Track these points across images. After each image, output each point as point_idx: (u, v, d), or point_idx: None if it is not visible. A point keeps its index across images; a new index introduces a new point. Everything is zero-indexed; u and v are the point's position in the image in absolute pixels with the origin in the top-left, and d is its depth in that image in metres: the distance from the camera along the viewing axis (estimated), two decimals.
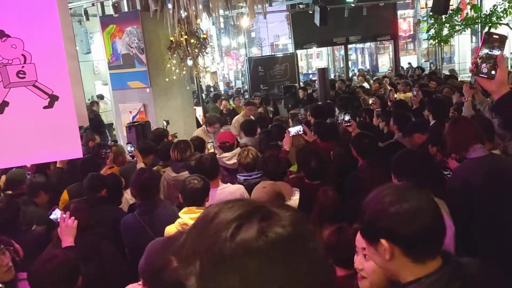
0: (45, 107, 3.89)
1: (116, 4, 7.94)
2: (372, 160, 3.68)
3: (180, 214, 3.08)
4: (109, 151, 5.21)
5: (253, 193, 3.28)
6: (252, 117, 7.32)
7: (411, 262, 1.36)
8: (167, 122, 6.92)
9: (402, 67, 20.57)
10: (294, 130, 4.58)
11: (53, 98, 3.89)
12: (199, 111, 9.66)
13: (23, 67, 3.83)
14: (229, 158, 4.75)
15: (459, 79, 12.16)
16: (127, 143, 5.54)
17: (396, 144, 4.61)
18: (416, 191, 1.41)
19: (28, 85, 3.84)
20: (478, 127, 3.06)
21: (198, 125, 8.49)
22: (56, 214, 3.18)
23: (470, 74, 1.91)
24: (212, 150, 5.08)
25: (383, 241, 1.37)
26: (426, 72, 15.19)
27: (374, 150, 3.94)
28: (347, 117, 4.63)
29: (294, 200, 3.43)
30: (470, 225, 2.76)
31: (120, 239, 3.46)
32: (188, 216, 3.01)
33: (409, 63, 23.42)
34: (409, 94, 7.98)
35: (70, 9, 6.52)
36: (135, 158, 5.14)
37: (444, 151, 3.65)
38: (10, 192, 4.48)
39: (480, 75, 1.74)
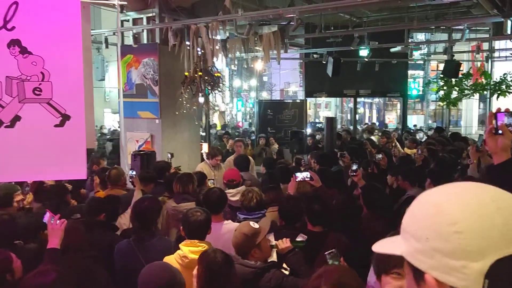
0: (56, 126, 3.93)
1: (136, 35, 8.14)
2: (377, 212, 3.63)
3: (180, 246, 3.01)
4: (94, 175, 5.48)
5: None
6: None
7: None
8: (172, 155, 6.89)
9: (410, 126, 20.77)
10: (301, 176, 4.50)
11: (65, 118, 3.94)
12: (205, 147, 9.67)
13: (40, 84, 3.90)
14: (233, 195, 4.71)
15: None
16: (131, 169, 5.55)
17: (411, 199, 4.54)
18: None
19: (43, 102, 3.90)
20: None
21: (203, 161, 8.49)
22: (47, 217, 3.18)
23: (476, 138, 1.98)
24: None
25: None
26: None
27: (382, 205, 3.89)
28: (354, 167, 4.63)
29: None
30: None
31: (113, 265, 3.39)
32: (189, 249, 2.94)
33: (415, 125, 23.66)
34: (415, 151, 8.00)
35: (92, 35, 6.69)
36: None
37: None
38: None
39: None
